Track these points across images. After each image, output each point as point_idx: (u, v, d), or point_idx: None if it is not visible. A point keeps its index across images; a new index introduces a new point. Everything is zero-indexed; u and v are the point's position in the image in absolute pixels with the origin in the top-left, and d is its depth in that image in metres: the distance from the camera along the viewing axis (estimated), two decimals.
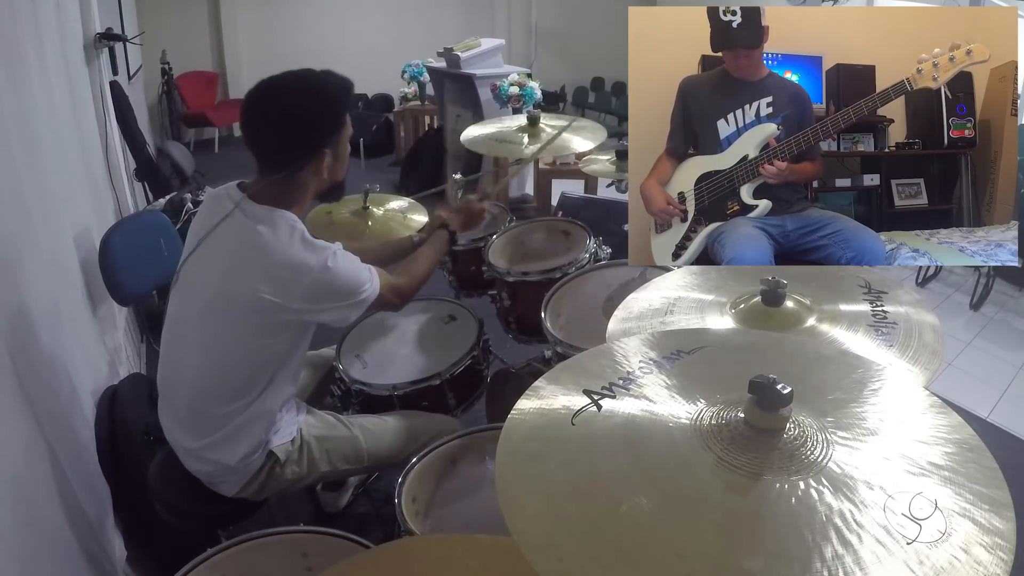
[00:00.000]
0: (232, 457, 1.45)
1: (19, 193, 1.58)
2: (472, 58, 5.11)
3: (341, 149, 1.46)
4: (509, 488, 0.77)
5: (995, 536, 0.67)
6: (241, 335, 1.39)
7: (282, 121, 1.38)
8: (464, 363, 1.94)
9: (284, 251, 1.35)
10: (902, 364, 1.12)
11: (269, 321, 1.38)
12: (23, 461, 1.30)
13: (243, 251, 1.36)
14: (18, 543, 1.18)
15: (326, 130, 1.40)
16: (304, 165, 1.40)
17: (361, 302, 1.45)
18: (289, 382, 1.52)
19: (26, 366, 1.42)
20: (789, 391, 0.76)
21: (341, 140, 1.45)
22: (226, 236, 1.39)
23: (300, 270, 1.35)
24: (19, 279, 1.49)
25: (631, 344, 1.02)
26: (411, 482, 1.43)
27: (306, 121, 1.38)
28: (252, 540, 1.25)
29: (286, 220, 1.38)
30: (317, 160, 1.40)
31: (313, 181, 1.44)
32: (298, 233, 1.38)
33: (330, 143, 1.41)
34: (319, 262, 1.36)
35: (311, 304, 1.39)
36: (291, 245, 1.36)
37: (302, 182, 1.43)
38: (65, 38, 2.68)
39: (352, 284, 1.43)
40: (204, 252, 1.41)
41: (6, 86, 1.60)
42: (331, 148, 1.42)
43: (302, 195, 1.45)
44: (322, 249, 1.38)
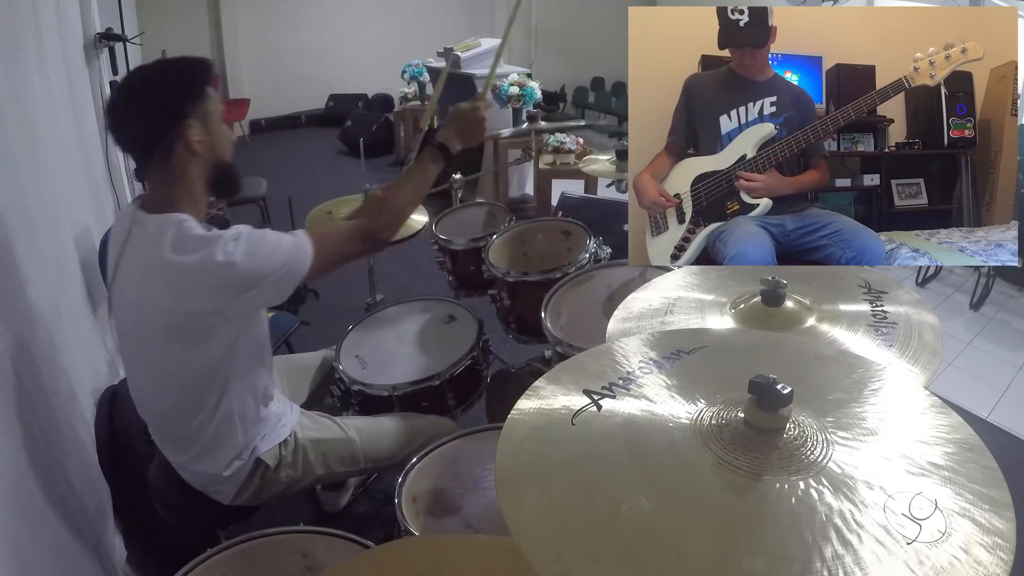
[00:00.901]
0: (217, 467, 1.45)
1: (19, 193, 1.58)
2: (472, 58, 5.12)
3: (212, 124, 1.35)
4: (509, 488, 0.77)
5: (995, 536, 0.67)
6: (170, 351, 1.33)
7: (135, 100, 1.31)
8: (464, 363, 1.94)
9: (171, 257, 1.26)
10: (902, 364, 1.12)
11: (190, 330, 1.30)
12: (23, 461, 1.30)
13: (144, 268, 1.31)
14: (18, 543, 1.18)
15: (181, 99, 1.31)
16: (169, 144, 1.30)
17: (285, 277, 1.32)
18: (251, 380, 1.45)
19: (26, 366, 1.42)
20: (789, 391, 0.76)
21: (208, 113, 1.34)
22: (131, 256, 1.34)
23: (194, 272, 1.25)
24: (19, 279, 1.49)
25: (631, 344, 1.02)
26: (411, 482, 1.43)
27: (157, 93, 1.31)
28: (252, 540, 1.25)
29: (171, 222, 1.29)
30: (181, 135, 1.30)
31: (190, 165, 1.34)
32: (184, 232, 1.27)
33: (191, 113, 1.31)
34: (210, 257, 1.25)
35: (223, 300, 1.28)
36: (178, 248, 1.26)
37: (179, 171, 1.33)
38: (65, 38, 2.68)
39: (264, 265, 1.29)
40: (120, 275, 1.37)
41: (6, 86, 1.60)
42: (196, 120, 1.32)
43: (186, 188, 1.35)
44: (212, 241, 1.27)
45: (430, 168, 1.61)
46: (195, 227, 1.29)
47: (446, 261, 2.50)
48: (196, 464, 1.46)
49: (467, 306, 2.19)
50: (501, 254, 2.30)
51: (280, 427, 1.55)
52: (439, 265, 2.55)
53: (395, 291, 2.81)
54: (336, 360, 1.96)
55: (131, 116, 1.31)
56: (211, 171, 1.38)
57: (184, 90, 1.32)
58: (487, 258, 2.23)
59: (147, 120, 1.31)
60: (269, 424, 1.51)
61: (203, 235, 1.28)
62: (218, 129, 1.38)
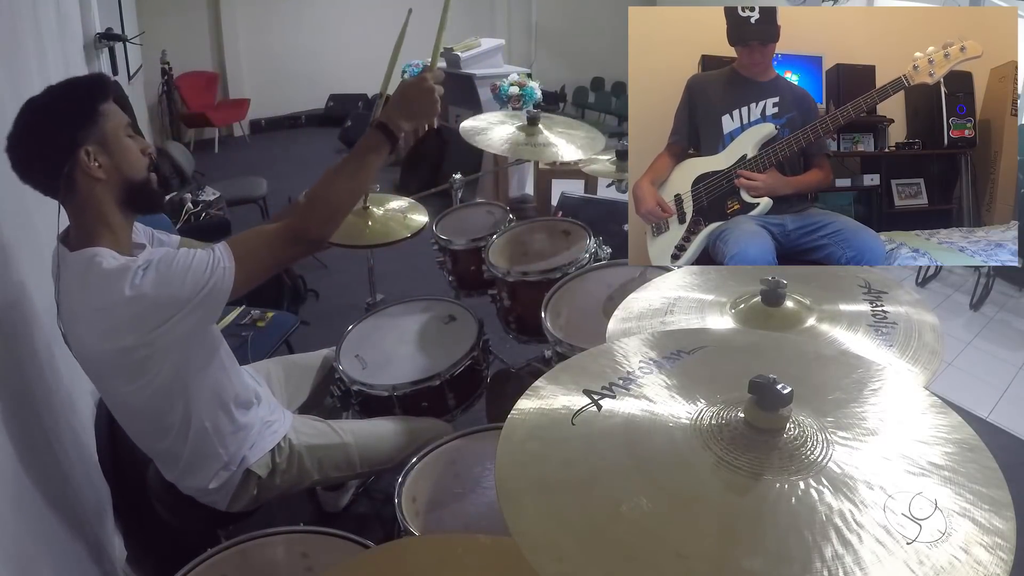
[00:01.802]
0: (204, 481, 1.45)
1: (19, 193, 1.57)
2: (472, 58, 5.13)
3: (111, 143, 1.27)
4: (509, 488, 0.77)
5: (995, 536, 0.67)
6: (115, 386, 1.31)
7: (26, 138, 1.23)
8: (464, 363, 1.94)
9: (84, 298, 1.22)
10: (902, 364, 1.12)
11: (125, 365, 1.26)
12: (23, 461, 1.30)
13: (70, 310, 1.27)
14: (18, 543, 1.18)
15: (68, 127, 1.23)
16: (69, 176, 1.23)
17: (208, 297, 1.24)
18: (216, 393, 1.41)
19: (26, 366, 1.42)
20: (789, 391, 0.76)
21: (104, 133, 1.26)
22: (64, 296, 1.28)
23: (107, 310, 1.20)
24: (19, 279, 1.49)
25: (631, 344, 1.02)
26: (411, 482, 1.43)
27: (43, 127, 1.23)
28: (252, 540, 1.25)
29: (85, 258, 1.23)
30: (77, 164, 1.23)
31: (96, 192, 1.26)
32: (93, 271, 1.21)
33: (83, 140, 1.23)
34: (119, 292, 1.18)
35: (145, 333, 1.21)
36: (90, 287, 1.21)
37: (86, 200, 1.26)
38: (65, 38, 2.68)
39: (178, 291, 1.22)
40: (61, 314, 1.32)
41: (6, 86, 1.60)
42: (92, 144, 1.24)
43: (99, 217, 1.27)
44: (121, 275, 1.20)
45: (369, 153, 1.41)
46: (104, 261, 1.22)
47: (446, 261, 2.50)
48: (184, 480, 1.47)
49: (467, 306, 2.19)
50: (501, 254, 2.30)
51: (270, 433, 1.53)
52: (439, 265, 2.55)
53: (395, 291, 2.81)
54: (336, 360, 1.96)
55: (25, 155, 1.24)
56: (122, 192, 1.29)
57: (70, 117, 1.24)
58: (487, 258, 2.23)
59: (40, 156, 1.24)
60: (254, 431, 1.50)
61: (111, 270, 1.21)
62: (120, 146, 1.29)
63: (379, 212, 2.33)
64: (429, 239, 2.51)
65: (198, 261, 1.25)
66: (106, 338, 1.22)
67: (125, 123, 1.31)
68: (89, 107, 1.26)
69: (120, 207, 1.30)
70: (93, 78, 1.33)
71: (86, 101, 1.26)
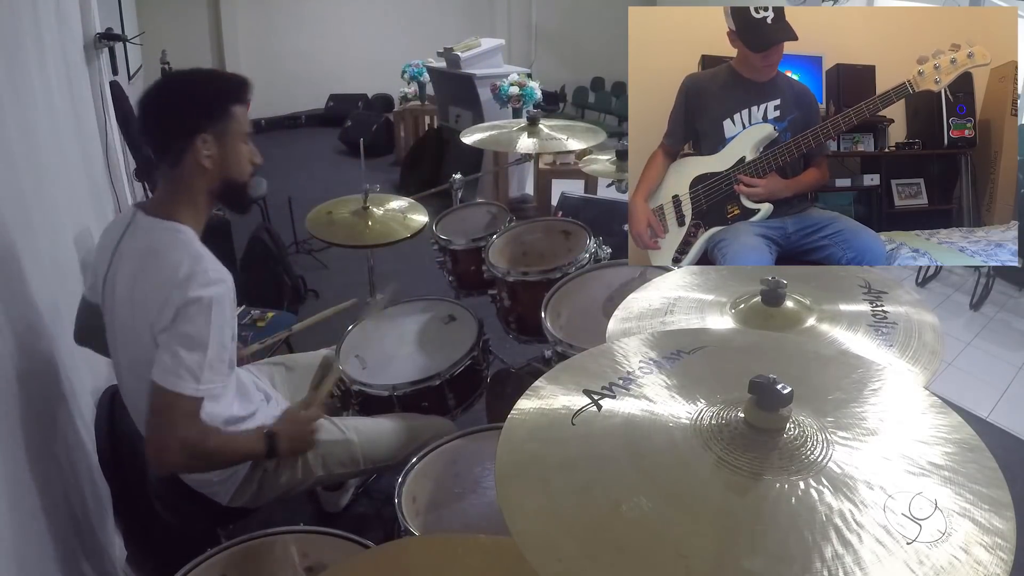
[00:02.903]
0: (212, 474, 1.45)
1: (19, 193, 1.58)
2: (472, 58, 5.12)
3: (229, 142, 1.37)
4: (509, 488, 0.77)
5: (995, 536, 0.67)
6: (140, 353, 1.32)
7: (158, 101, 1.36)
8: (464, 363, 1.94)
9: (157, 262, 1.29)
10: (902, 364, 1.12)
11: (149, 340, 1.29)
12: (23, 461, 1.30)
13: (137, 271, 1.32)
14: (18, 543, 1.18)
15: (198, 112, 1.35)
16: (180, 152, 1.33)
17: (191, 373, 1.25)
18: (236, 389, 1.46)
19: (26, 366, 1.42)
20: (789, 391, 0.76)
21: (227, 131, 1.37)
22: (126, 254, 1.36)
23: (165, 284, 1.27)
24: (19, 279, 1.49)
25: (631, 344, 1.02)
26: (411, 482, 1.43)
27: (177, 100, 1.36)
28: (252, 540, 1.25)
29: (167, 227, 1.33)
30: (192, 147, 1.33)
31: (197, 177, 1.36)
32: (176, 242, 1.31)
33: (208, 128, 1.34)
34: (187, 283, 1.26)
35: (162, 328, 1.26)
36: (163, 256, 1.29)
37: (185, 180, 1.36)
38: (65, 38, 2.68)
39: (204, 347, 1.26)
40: (114, 272, 1.38)
41: (6, 86, 1.60)
42: (212, 136, 1.35)
43: (189, 198, 1.37)
44: (203, 278, 1.27)
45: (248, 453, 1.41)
46: (189, 240, 1.33)
47: (446, 261, 2.50)
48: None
49: (467, 306, 2.19)
50: (501, 254, 2.30)
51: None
52: (439, 265, 2.55)
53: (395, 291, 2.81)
54: (336, 360, 1.96)
55: (151, 115, 1.36)
56: (219, 186, 1.40)
57: (204, 104, 1.36)
58: (487, 258, 2.23)
59: (163, 123, 1.36)
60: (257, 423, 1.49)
61: (209, 269, 1.30)
62: (235, 148, 1.39)
63: (379, 212, 2.34)
64: (429, 239, 2.51)
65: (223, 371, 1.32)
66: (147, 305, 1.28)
67: (246, 130, 1.42)
68: (223, 102, 1.37)
69: (210, 196, 1.41)
70: (238, 79, 1.43)
71: (223, 96, 1.38)
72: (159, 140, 1.36)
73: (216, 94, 1.38)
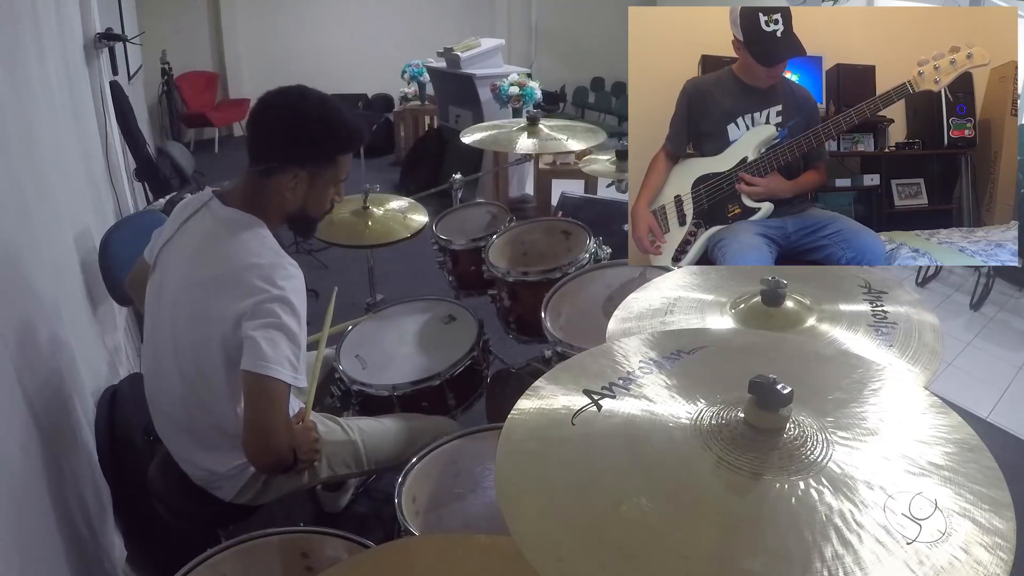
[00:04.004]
0: (223, 466, 1.45)
1: (19, 193, 1.58)
2: (472, 58, 5.12)
3: (320, 184, 1.41)
4: (509, 488, 0.77)
5: (995, 536, 0.67)
6: (211, 349, 1.33)
7: (279, 113, 1.36)
8: (464, 363, 1.94)
9: (235, 249, 1.32)
10: (902, 364, 1.12)
11: (231, 331, 1.30)
12: (23, 461, 1.30)
13: (203, 248, 1.35)
14: (18, 543, 1.18)
15: (308, 154, 1.37)
16: (270, 171, 1.36)
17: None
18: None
19: (26, 366, 1.42)
20: (789, 391, 0.76)
21: (322, 176, 1.40)
22: (192, 231, 1.39)
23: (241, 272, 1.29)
24: (19, 279, 1.49)
25: (631, 344, 1.02)
26: (411, 482, 1.43)
27: (297, 130, 1.35)
28: (252, 540, 1.25)
29: (248, 221, 1.36)
30: (287, 172, 1.36)
31: (280, 196, 1.39)
32: (257, 236, 1.35)
33: (307, 165, 1.37)
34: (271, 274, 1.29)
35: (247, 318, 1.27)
36: (245, 244, 1.32)
37: (269, 191, 1.38)
38: (65, 38, 2.68)
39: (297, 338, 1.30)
40: (173, 248, 1.40)
41: (6, 86, 1.60)
42: (307, 174, 1.38)
43: (262, 208, 1.39)
44: (284, 271, 1.31)
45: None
46: (268, 237, 1.36)
47: (446, 261, 2.50)
48: (202, 460, 1.46)
49: (467, 306, 2.19)
50: (501, 254, 2.30)
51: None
52: (439, 265, 2.55)
53: (395, 291, 2.81)
54: (336, 360, 1.96)
55: (265, 123, 1.37)
56: (294, 214, 1.44)
57: (314, 146, 1.37)
58: (487, 258, 2.23)
59: (270, 138, 1.36)
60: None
61: (272, 248, 1.34)
62: (321, 192, 1.42)
63: (379, 212, 2.34)
64: (429, 239, 2.51)
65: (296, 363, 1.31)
66: (236, 298, 1.28)
67: (342, 178, 1.45)
68: (332, 151, 1.40)
69: (282, 215, 1.44)
70: (359, 130, 1.44)
71: (334, 145, 1.40)
72: (258, 148, 1.37)
73: (330, 140, 1.38)
